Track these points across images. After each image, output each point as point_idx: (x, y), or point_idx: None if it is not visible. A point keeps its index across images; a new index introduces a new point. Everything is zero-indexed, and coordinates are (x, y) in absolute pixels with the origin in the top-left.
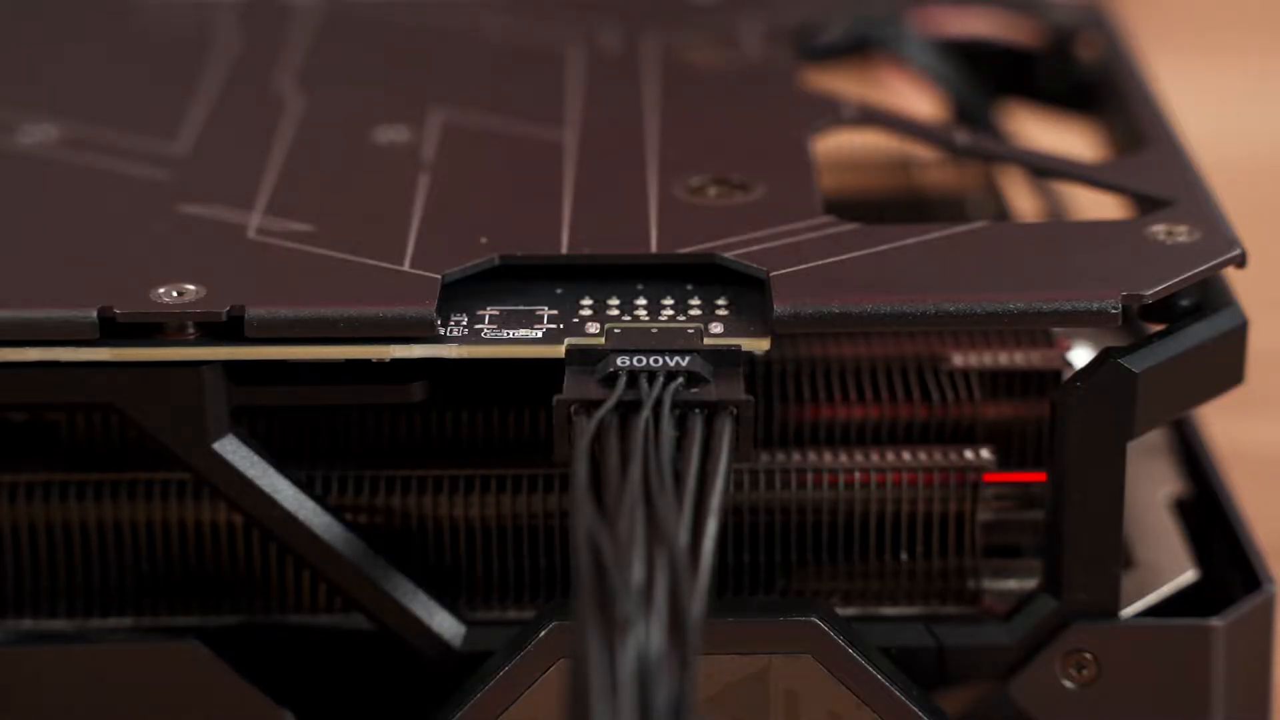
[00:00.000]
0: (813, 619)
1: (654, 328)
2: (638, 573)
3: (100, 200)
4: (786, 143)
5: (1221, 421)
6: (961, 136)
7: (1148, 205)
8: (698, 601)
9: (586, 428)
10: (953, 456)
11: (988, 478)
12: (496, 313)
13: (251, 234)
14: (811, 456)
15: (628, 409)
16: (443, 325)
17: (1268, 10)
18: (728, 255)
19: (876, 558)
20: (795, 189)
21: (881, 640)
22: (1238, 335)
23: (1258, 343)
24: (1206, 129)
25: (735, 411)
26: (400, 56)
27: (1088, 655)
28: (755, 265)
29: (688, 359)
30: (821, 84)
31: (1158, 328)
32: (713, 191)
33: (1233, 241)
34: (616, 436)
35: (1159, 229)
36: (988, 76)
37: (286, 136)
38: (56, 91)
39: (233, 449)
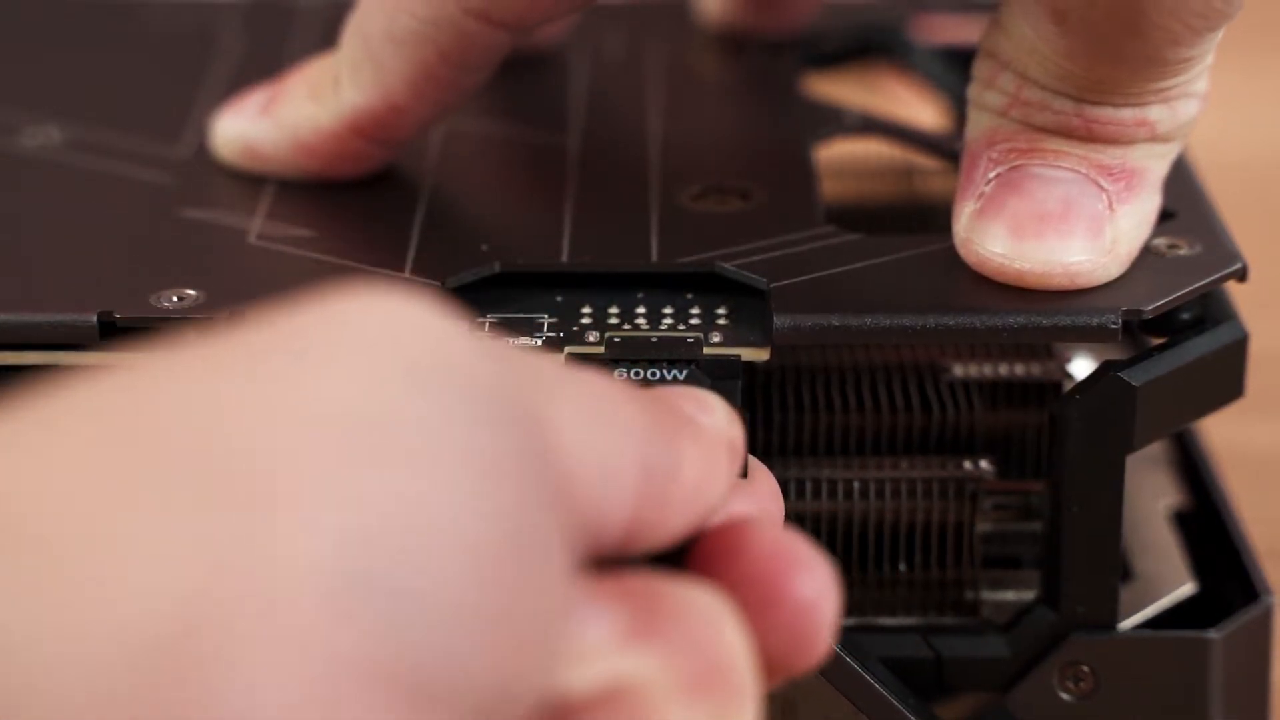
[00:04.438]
0: None
1: (654, 337)
2: None
3: (102, 204)
4: (788, 151)
5: (1219, 423)
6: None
7: None
8: None
9: None
10: (952, 467)
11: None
12: (496, 320)
13: (252, 239)
14: (810, 466)
15: None
16: None
17: (1267, 10)
18: (728, 265)
19: (875, 568)
20: (797, 198)
21: (880, 651)
22: (1238, 349)
23: (1256, 344)
24: (1206, 130)
25: None
26: None
27: (1085, 667)
28: (756, 275)
29: (687, 369)
30: (824, 92)
31: (1158, 340)
32: (714, 200)
33: (1234, 255)
34: None
35: (1160, 241)
36: None
37: None
38: (59, 94)
39: None
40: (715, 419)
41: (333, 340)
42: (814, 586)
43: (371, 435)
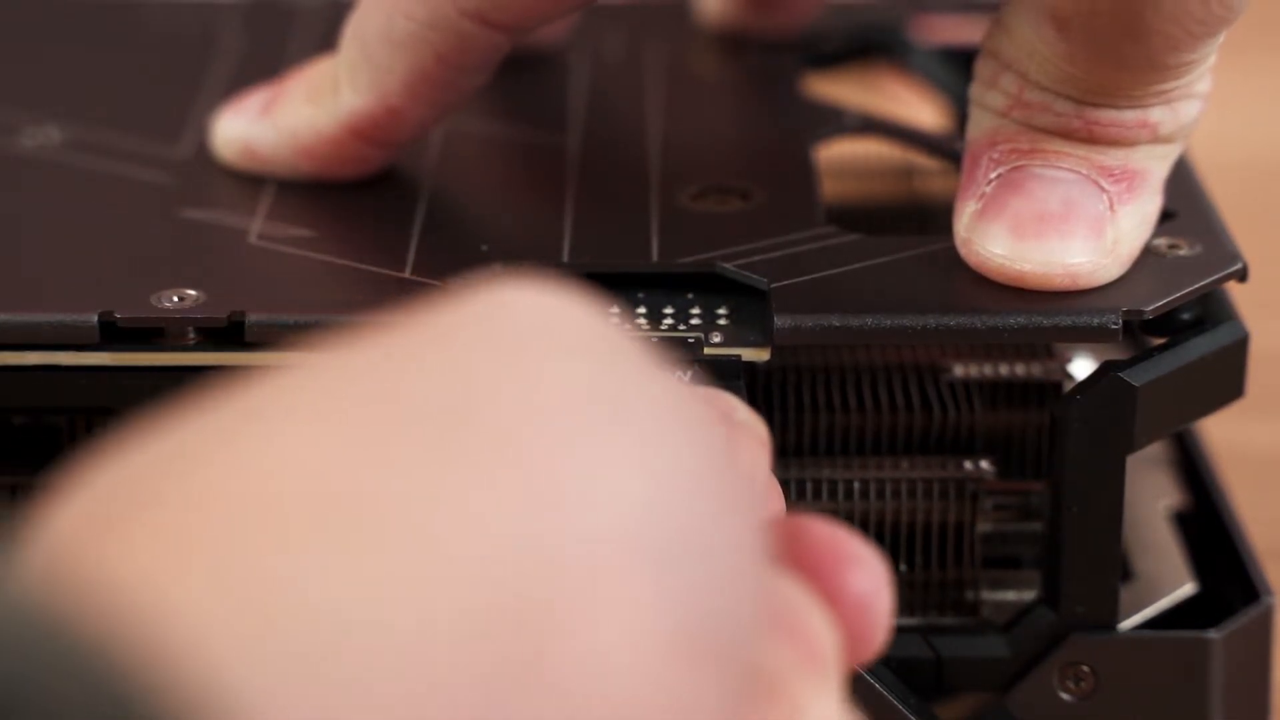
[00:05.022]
0: None
1: (654, 337)
2: None
3: (102, 204)
4: (788, 151)
5: (1220, 423)
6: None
7: None
8: None
9: None
10: (952, 467)
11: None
12: None
13: (253, 239)
14: (810, 466)
15: None
16: None
17: (1267, 10)
18: (728, 265)
19: None
20: (797, 198)
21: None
22: (1238, 349)
23: (1256, 344)
24: (1207, 130)
25: None
26: None
27: (1085, 667)
28: (757, 276)
29: (688, 369)
30: (824, 92)
31: (1158, 341)
32: (714, 200)
33: (1234, 255)
34: None
35: (1160, 242)
36: None
37: None
38: (59, 94)
39: None
40: (743, 416)
41: (538, 324)
42: (869, 581)
43: (622, 409)
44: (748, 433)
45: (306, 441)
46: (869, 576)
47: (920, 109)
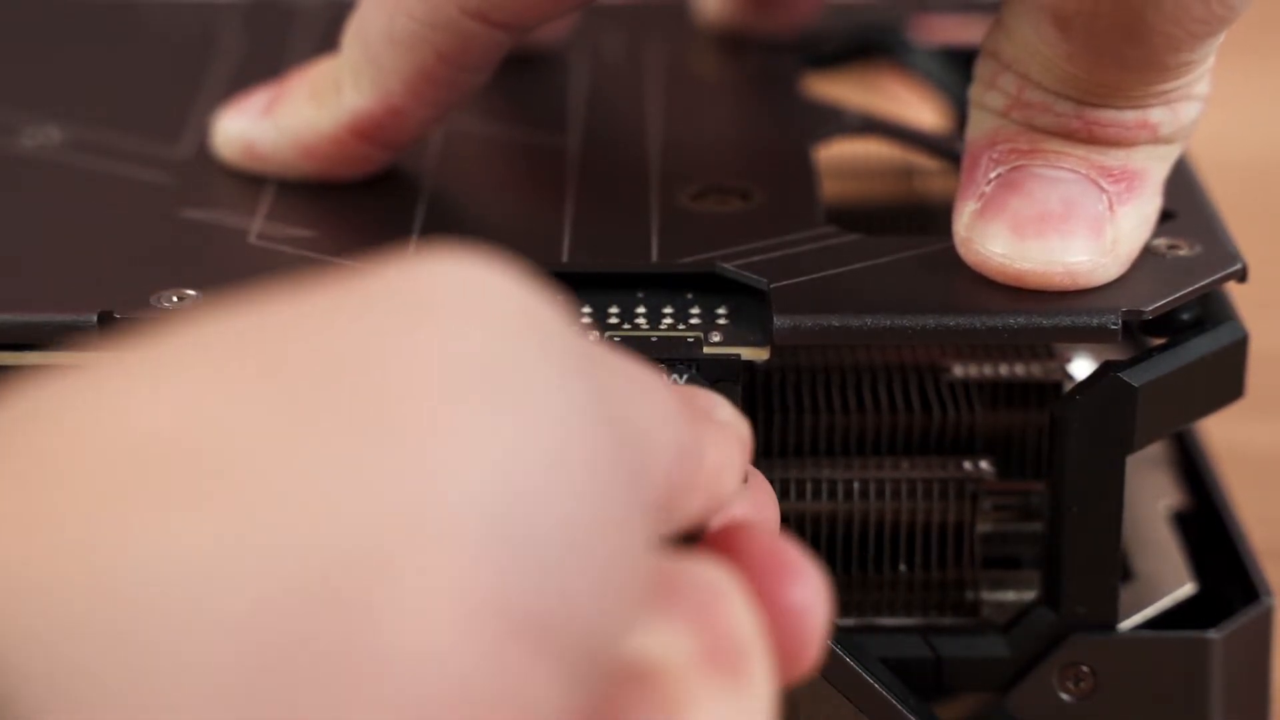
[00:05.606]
0: None
1: (654, 337)
2: None
3: (102, 204)
4: (788, 151)
5: (1220, 423)
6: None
7: None
8: None
9: None
10: (952, 467)
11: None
12: None
13: (252, 239)
14: (810, 466)
15: None
16: None
17: (1267, 10)
18: (728, 265)
19: (875, 568)
20: (797, 198)
21: (880, 651)
22: (1238, 349)
23: (1256, 344)
24: (1207, 130)
25: None
26: None
27: (1085, 668)
28: (756, 275)
29: (687, 369)
30: (824, 92)
31: (1158, 341)
32: (714, 200)
33: (1234, 256)
34: None
35: (1160, 242)
36: None
37: None
38: (59, 94)
39: None
40: (726, 414)
41: (445, 293)
42: (805, 594)
43: (501, 380)
44: (723, 431)
45: (159, 397)
46: (807, 589)
47: (920, 109)
